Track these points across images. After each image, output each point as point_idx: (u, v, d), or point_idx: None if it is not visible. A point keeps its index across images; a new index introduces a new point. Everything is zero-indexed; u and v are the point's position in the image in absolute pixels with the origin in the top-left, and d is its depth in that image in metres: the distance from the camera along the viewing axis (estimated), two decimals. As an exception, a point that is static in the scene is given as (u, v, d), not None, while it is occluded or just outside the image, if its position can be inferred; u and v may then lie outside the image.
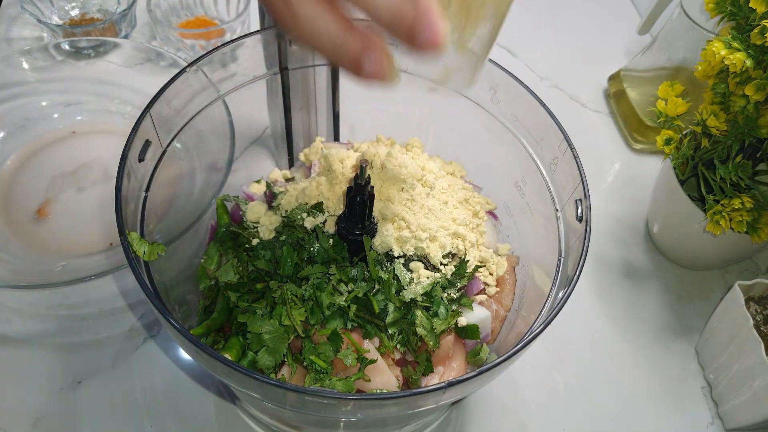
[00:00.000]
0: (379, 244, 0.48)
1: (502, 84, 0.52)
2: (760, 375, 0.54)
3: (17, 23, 0.88)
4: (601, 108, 0.86)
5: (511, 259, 0.55)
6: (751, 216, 0.55)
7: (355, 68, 0.31)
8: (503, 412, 0.59)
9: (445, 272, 0.49)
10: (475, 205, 0.54)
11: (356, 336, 0.46)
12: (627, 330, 0.66)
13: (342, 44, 0.30)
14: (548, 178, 0.51)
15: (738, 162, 0.56)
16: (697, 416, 0.60)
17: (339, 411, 0.38)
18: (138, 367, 0.58)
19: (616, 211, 0.75)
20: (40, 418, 0.54)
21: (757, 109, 0.52)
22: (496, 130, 0.54)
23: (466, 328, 0.48)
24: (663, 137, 0.60)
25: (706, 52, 0.51)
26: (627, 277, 0.70)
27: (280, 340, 0.45)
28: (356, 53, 0.30)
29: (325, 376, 0.44)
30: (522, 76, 0.52)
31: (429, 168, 0.55)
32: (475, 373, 0.36)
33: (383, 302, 0.46)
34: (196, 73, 0.49)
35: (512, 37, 0.92)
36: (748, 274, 0.71)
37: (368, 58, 0.30)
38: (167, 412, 0.56)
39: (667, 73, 0.76)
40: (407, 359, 0.49)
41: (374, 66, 0.30)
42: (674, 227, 0.68)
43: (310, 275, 0.47)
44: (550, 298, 0.44)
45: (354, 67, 0.31)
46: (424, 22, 0.28)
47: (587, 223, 0.43)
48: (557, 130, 0.48)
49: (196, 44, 0.81)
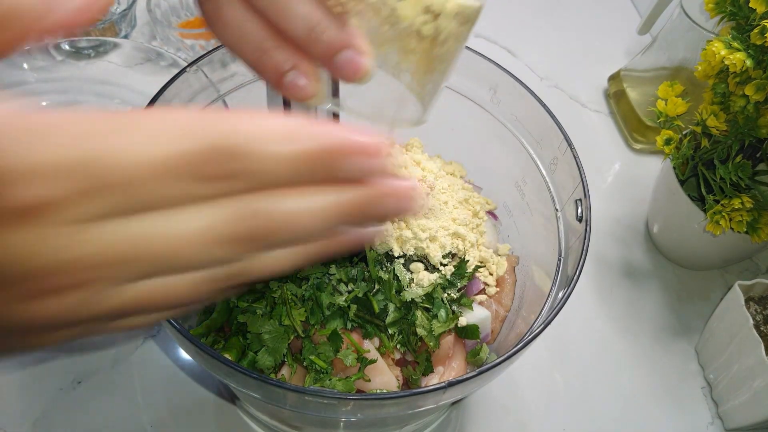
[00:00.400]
0: (379, 244, 0.48)
1: (502, 84, 0.52)
2: (760, 375, 0.54)
3: (17, 23, 0.88)
4: (601, 108, 0.86)
5: (511, 259, 0.55)
6: (751, 216, 0.55)
7: (276, 82, 0.29)
8: (503, 412, 0.59)
9: (445, 272, 0.49)
10: (475, 205, 0.54)
11: (356, 336, 0.46)
12: (627, 330, 0.65)
13: (266, 55, 0.28)
14: (548, 178, 0.51)
15: (738, 162, 0.56)
16: (697, 416, 0.60)
17: (339, 411, 0.38)
18: (138, 367, 0.58)
19: (616, 211, 0.75)
20: (40, 418, 0.54)
21: (757, 109, 0.52)
22: (496, 130, 0.54)
23: (466, 328, 0.48)
24: (663, 137, 0.60)
25: (706, 52, 0.51)
26: (627, 277, 0.70)
27: (280, 340, 0.45)
28: (279, 67, 0.28)
29: (325, 376, 0.44)
30: (522, 76, 0.52)
31: (429, 168, 0.55)
32: (475, 373, 0.36)
33: (383, 302, 0.46)
34: (196, 73, 0.49)
35: (512, 37, 0.92)
36: (748, 274, 0.71)
37: (291, 74, 0.28)
38: (167, 412, 0.56)
39: (667, 73, 0.76)
40: (407, 359, 0.49)
41: (295, 83, 0.28)
42: (674, 227, 0.68)
43: (310, 275, 0.47)
44: (550, 298, 0.44)
45: (275, 81, 0.29)
46: (348, 43, 0.26)
47: (587, 223, 0.43)
48: (557, 130, 0.48)
49: (196, 44, 0.80)
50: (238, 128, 0.17)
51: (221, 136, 0.17)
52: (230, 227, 0.18)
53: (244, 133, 0.17)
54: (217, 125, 0.17)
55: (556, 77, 0.88)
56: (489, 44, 0.91)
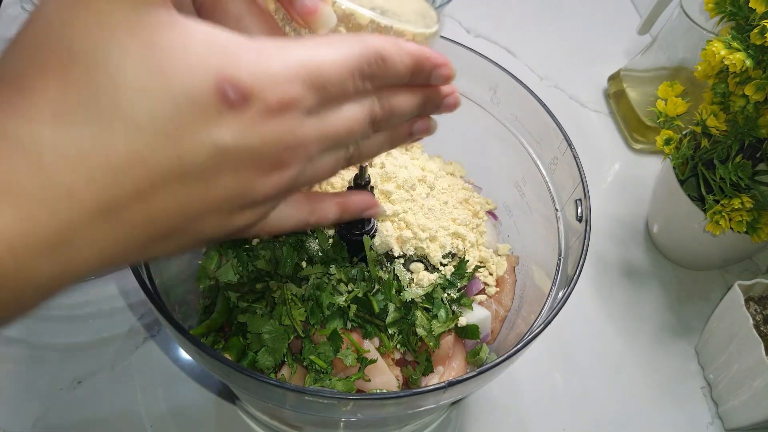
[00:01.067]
0: (379, 244, 0.48)
1: (502, 84, 0.52)
2: (760, 375, 0.54)
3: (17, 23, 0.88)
4: (601, 108, 0.86)
5: (511, 259, 0.55)
6: (751, 216, 0.55)
7: None
8: (503, 412, 0.59)
9: (445, 272, 0.49)
10: (475, 205, 0.54)
11: (356, 336, 0.46)
12: (627, 330, 0.65)
13: None
14: (548, 178, 0.51)
15: (738, 162, 0.56)
16: (697, 416, 0.60)
17: (339, 411, 0.38)
18: (138, 367, 0.58)
19: (616, 211, 0.75)
20: (40, 418, 0.54)
21: (757, 109, 0.52)
22: (496, 130, 0.54)
23: (466, 328, 0.48)
24: (663, 137, 0.60)
25: (706, 52, 0.51)
26: (627, 277, 0.70)
27: (280, 340, 0.45)
28: None
29: (325, 376, 0.44)
30: (522, 76, 0.52)
31: (429, 168, 0.55)
32: (475, 373, 0.36)
33: (383, 302, 0.46)
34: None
35: (512, 37, 0.92)
36: (748, 274, 0.71)
37: None
38: (167, 412, 0.56)
39: (667, 73, 0.76)
40: (407, 359, 0.49)
41: None
42: (674, 227, 0.68)
43: (310, 275, 0.47)
44: (550, 298, 0.44)
45: None
46: None
47: (587, 223, 0.43)
48: (557, 130, 0.48)
49: (196, 44, 0.81)
50: (373, 40, 0.25)
51: (375, 45, 0.24)
52: (374, 113, 0.26)
53: (378, 42, 0.25)
54: (369, 39, 0.24)
55: (556, 77, 0.88)
56: (489, 44, 0.91)
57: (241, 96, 0.21)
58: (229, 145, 0.21)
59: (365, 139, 0.27)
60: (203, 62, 0.20)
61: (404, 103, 0.27)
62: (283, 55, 0.22)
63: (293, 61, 0.22)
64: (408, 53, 0.26)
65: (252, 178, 0.22)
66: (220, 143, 0.21)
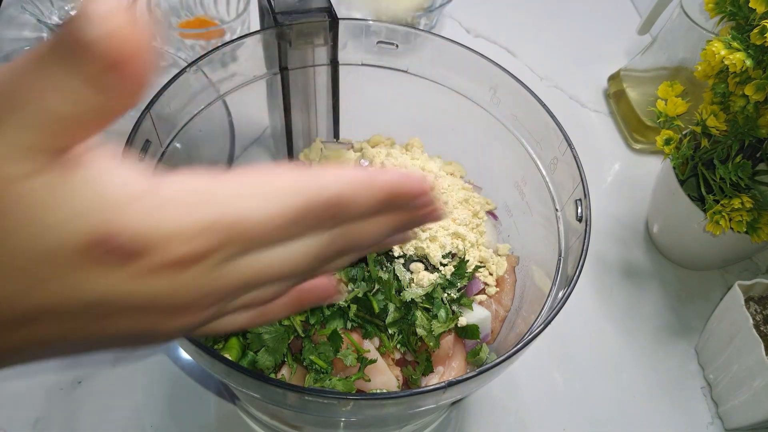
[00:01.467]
0: (379, 244, 0.48)
1: (502, 84, 0.52)
2: (760, 375, 0.54)
3: (17, 23, 0.88)
4: (601, 108, 0.86)
5: (511, 259, 0.55)
6: (751, 216, 0.55)
7: None
8: (503, 412, 0.59)
9: (444, 272, 0.49)
10: (474, 205, 0.54)
11: (356, 336, 0.46)
12: (627, 330, 0.65)
13: None
14: (548, 178, 0.51)
15: (738, 162, 0.56)
16: (697, 416, 0.60)
17: (339, 411, 0.38)
18: (138, 366, 0.58)
19: (616, 211, 0.75)
20: (40, 418, 0.54)
21: (757, 109, 0.52)
22: (496, 130, 0.54)
23: (466, 328, 0.48)
24: (663, 137, 0.60)
25: (706, 52, 0.51)
26: (627, 277, 0.70)
27: (280, 340, 0.45)
28: None
29: (325, 376, 0.44)
30: (522, 76, 0.52)
31: (429, 168, 0.55)
32: (475, 373, 0.36)
33: (383, 302, 0.46)
34: (196, 73, 0.49)
35: (512, 37, 0.92)
36: (748, 274, 0.71)
37: None
38: (167, 412, 0.56)
39: (667, 73, 0.76)
40: (407, 359, 0.49)
41: None
42: (674, 227, 0.68)
43: (310, 275, 0.47)
44: (550, 298, 0.44)
45: None
46: None
47: (587, 223, 0.43)
48: (557, 130, 0.48)
49: (196, 44, 0.80)
50: (330, 183, 0.23)
51: (320, 191, 0.22)
52: (328, 249, 0.24)
53: (336, 186, 0.23)
54: (314, 181, 0.23)
55: (556, 77, 0.89)
56: (489, 44, 0.91)
57: (128, 251, 0.20)
58: (110, 296, 0.21)
59: (324, 265, 0.26)
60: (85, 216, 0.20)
61: (374, 231, 0.25)
62: (200, 208, 0.21)
63: (210, 216, 0.21)
64: (381, 188, 0.24)
65: (154, 319, 0.22)
66: (99, 292, 0.20)
